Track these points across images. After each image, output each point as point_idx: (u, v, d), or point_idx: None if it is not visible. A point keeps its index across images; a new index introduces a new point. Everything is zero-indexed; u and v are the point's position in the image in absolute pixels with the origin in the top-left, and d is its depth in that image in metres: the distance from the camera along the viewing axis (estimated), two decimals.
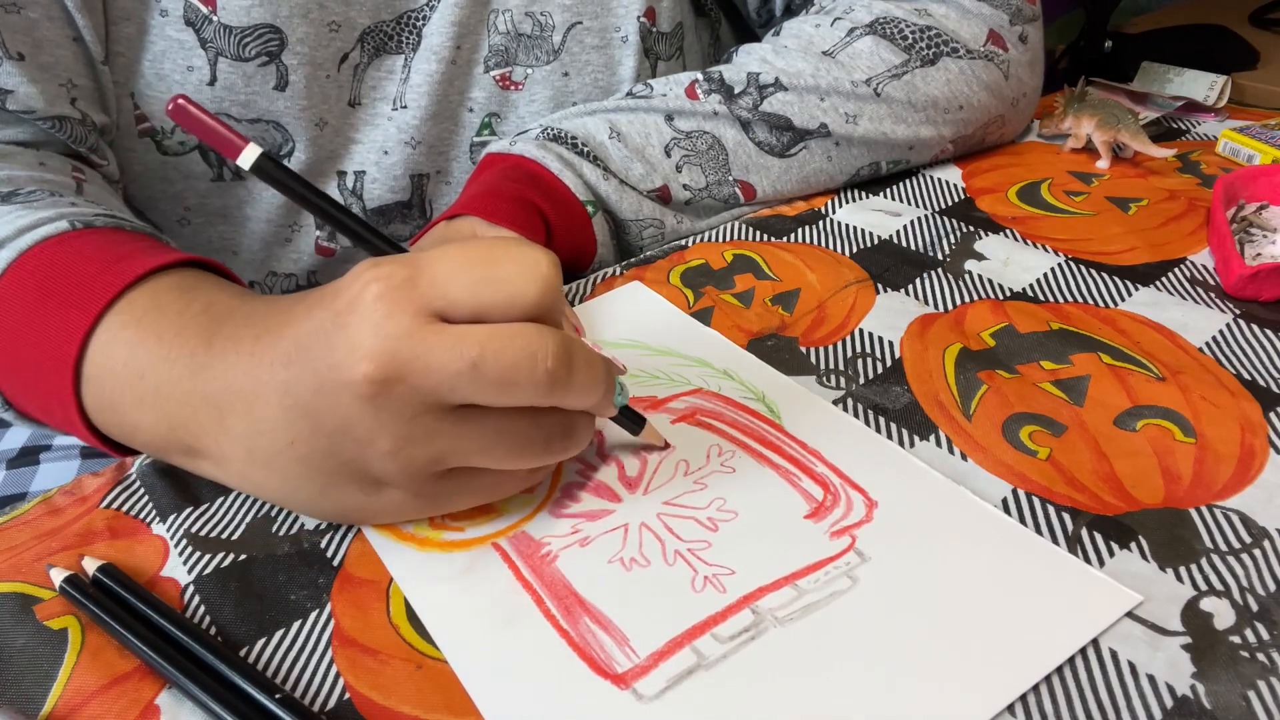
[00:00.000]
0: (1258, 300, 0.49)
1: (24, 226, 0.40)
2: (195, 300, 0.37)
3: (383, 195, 0.60)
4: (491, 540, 0.35)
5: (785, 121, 0.58)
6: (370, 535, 0.36)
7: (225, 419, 0.34)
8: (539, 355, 0.30)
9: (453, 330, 0.30)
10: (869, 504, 0.36)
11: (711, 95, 0.58)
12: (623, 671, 0.30)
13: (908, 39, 0.59)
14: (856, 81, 0.58)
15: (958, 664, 0.30)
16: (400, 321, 0.30)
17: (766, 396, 0.43)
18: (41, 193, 0.44)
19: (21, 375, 0.40)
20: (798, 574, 0.33)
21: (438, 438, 0.31)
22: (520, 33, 0.59)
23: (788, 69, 0.58)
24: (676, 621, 0.32)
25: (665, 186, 0.57)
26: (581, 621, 0.32)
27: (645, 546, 0.35)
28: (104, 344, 0.37)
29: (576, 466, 0.39)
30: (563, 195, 0.53)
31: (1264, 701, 0.29)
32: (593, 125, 0.56)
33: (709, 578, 0.33)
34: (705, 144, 0.57)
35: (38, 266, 0.39)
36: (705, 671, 0.30)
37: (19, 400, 0.42)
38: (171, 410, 0.35)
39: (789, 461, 0.39)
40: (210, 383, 0.34)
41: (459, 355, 0.29)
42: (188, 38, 0.51)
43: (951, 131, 0.62)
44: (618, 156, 0.56)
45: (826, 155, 0.60)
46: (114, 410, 0.37)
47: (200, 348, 0.35)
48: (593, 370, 0.32)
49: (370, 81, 0.57)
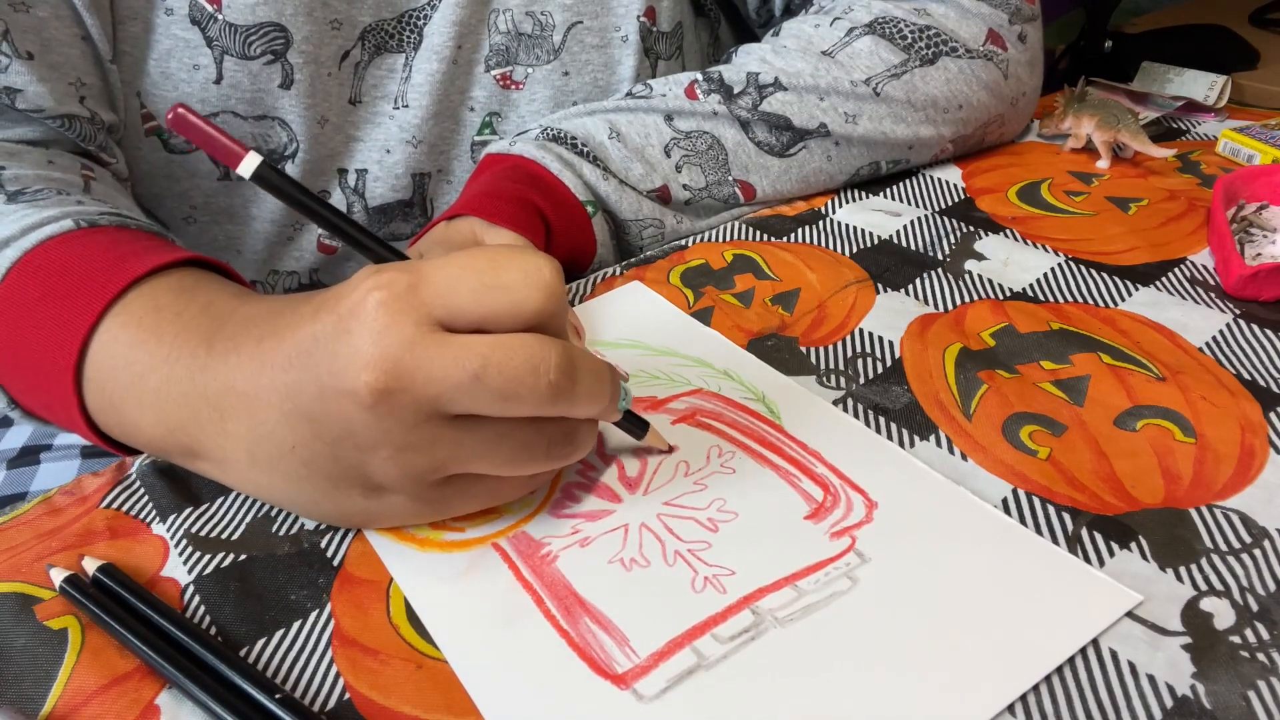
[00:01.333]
0: (1258, 300, 0.49)
1: (29, 225, 0.40)
2: (195, 300, 0.37)
3: (385, 194, 0.60)
4: (492, 540, 0.35)
5: (785, 121, 0.58)
6: (371, 536, 0.36)
7: (226, 422, 0.34)
8: (541, 367, 0.30)
9: (455, 340, 0.30)
10: (869, 505, 0.36)
11: (711, 95, 0.58)
12: (623, 672, 0.30)
13: (907, 39, 0.59)
14: (856, 81, 0.58)
15: (958, 664, 0.30)
16: (402, 330, 0.29)
17: (766, 397, 0.43)
18: (49, 191, 0.44)
19: (25, 375, 0.40)
20: (798, 574, 0.34)
21: (439, 445, 0.31)
22: (521, 32, 0.59)
23: (787, 69, 0.58)
24: (677, 622, 0.32)
25: (665, 186, 0.57)
26: (582, 622, 0.32)
27: (645, 547, 0.35)
28: (105, 344, 0.37)
29: (577, 467, 0.39)
30: (563, 195, 0.53)
31: (1264, 701, 0.29)
32: (592, 125, 0.56)
33: (709, 578, 0.33)
34: (705, 144, 0.57)
35: (41, 265, 0.39)
36: (705, 672, 0.30)
37: (24, 399, 0.42)
38: (171, 411, 0.35)
39: (789, 462, 0.39)
40: (211, 384, 0.34)
41: (461, 366, 0.29)
42: (193, 36, 0.52)
43: (951, 131, 0.62)
44: (617, 157, 0.56)
45: (826, 155, 0.60)
46: (115, 410, 0.37)
47: (201, 349, 0.35)
48: (598, 379, 0.32)
49: (371, 80, 0.57)
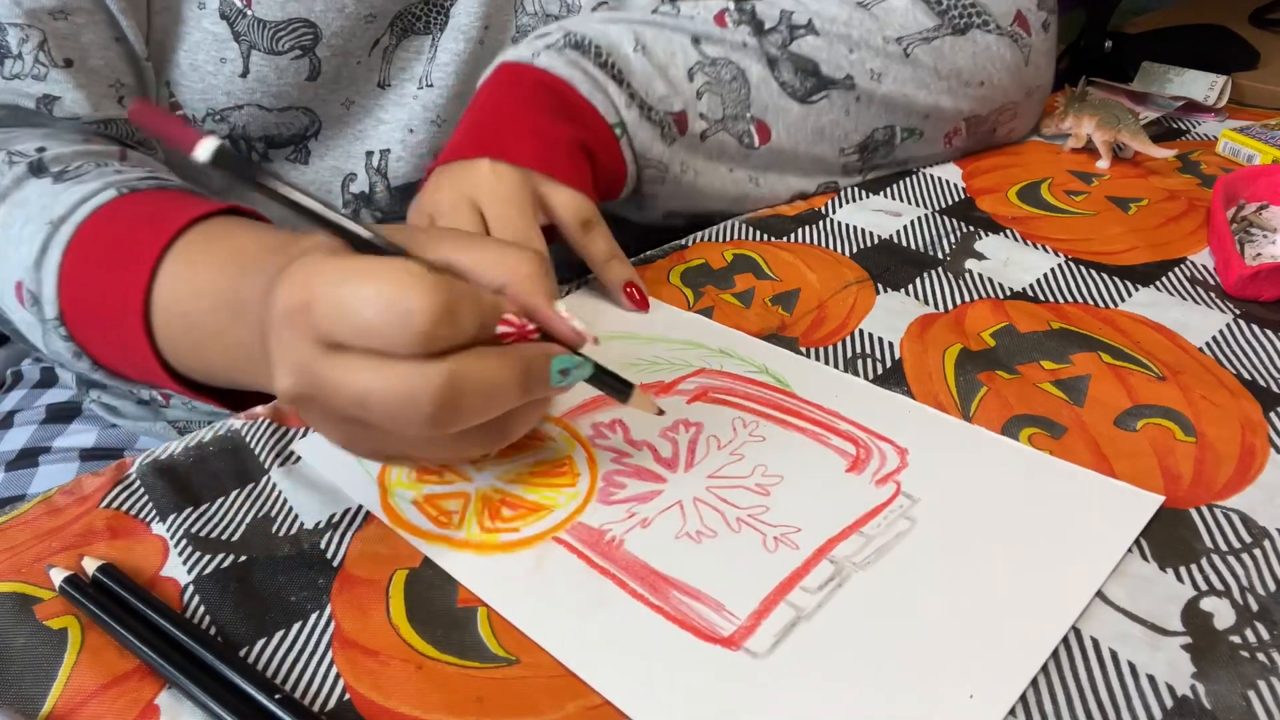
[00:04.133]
0: (1258, 300, 0.49)
1: (76, 201, 0.43)
2: (221, 247, 0.39)
3: (408, 174, 0.59)
4: (551, 535, 0.36)
5: (812, 66, 0.57)
6: (430, 550, 0.35)
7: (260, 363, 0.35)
8: (418, 400, 0.30)
9: (343, 364, 0.30)
10: (900, 451, 0.39)
11: (741, 26, 0.57)
12: (729, 634, 0.31)
13: (942, 4, 0.59)
14: (888, 38, 0.58)
15: (1028, 581, 0.33)
16: (300, 349, 0.31)
17: (769, 368, 0.44)
18: (88, 164, 0.46)
19: (104, 335, 0.43)
20: (859, 522, 0.35)
21: (369, 440, 0.33)
22: (548, 13, 0.58)
23: (822, 12, 0.58)
24: (762, 581, 0.33)
25: (684, 112, 0.56)
26: (671, 596, 0.33)
27: (706, 518, 0.36)
28: (159, 299, 0.39)
29: (611, 456, 0.39)
30: (596, 123, 0.52)
31: (1264, 701, 0.29)
32: (616, 34, 0.54)
33: (778, 537, 0.35)
34: (730, 74, 0.56)
35: (96, 234, 0.42)
36: (806, 622, 0.32)
37: (107, 360, 0.45)
38: (219, 355, 0.38)
39: (812, 424, 0.41)
40: (243, 331, 0.36)
41: (347, 393, 0.30)
42: (222, 30, 0.52)
43: (969, 107, 0.62)
44: (640, 71, 0.54)
45: (845, 109, 0.59)
46: (178, 356, 0.40)
47: (230, 292, 0.37)
48: (489, 389, 0.31)
49: (399, 63, 0.57)
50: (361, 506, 0.37)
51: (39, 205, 0.44)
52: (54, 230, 0.43)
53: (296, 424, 0.42)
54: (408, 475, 0.39)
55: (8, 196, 0.46)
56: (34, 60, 0.47)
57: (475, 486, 0.38)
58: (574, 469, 0.39)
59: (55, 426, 0.63)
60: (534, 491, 0.38)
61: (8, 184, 0.46)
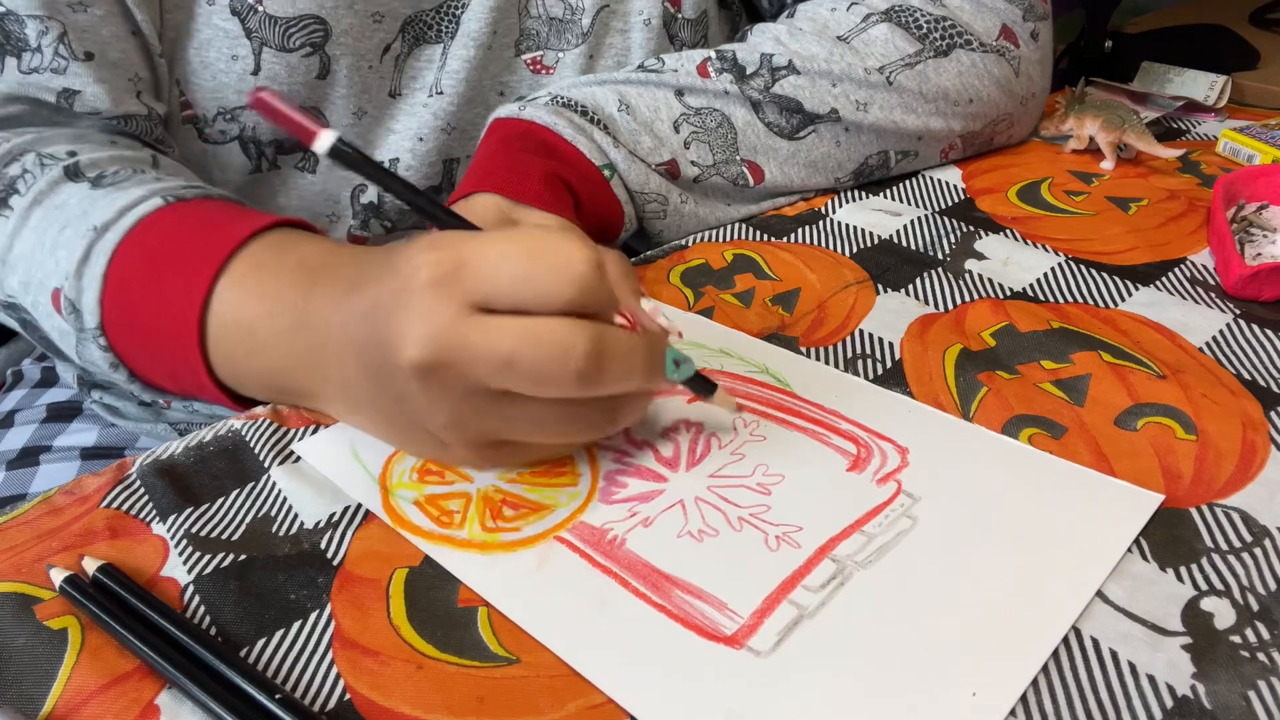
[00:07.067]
0: (1258, 300, 0.49)
1: (123, 208, 0.43)
2: (289, 257, 0.40)
3: (416, 181, 0.60)
4: (553, 535, 0.36)
5: (796, 104, 0.58)
6: (428, 549, 0.36)
7: (323, 368, 0.37)
8: (570, 354, 0.31)
9: (492, 324, 0.31)
10: (900, 450, 0.39)
11: (723, 74, 0.57)
12: (732, 633, 0.31)
13: (922, 28, 0.59)
14: (869, 69, 0.58)
15: (1028, 580, 0.33)
16: (445, 311, 0.31)
17: (769, 368, 0.44)
18: (125, 170, 0.46)
19: (149, 346, 0.43)
20: (861, 521, 0.36)
21: (488, 417, 0.33)
22: (552, 16, 0.59)
23: (801, 52, 0.58)
24: (765, 580, 0.33)
25: (673, 161, 0.56)
26: (674, 595, 0.33)
27: (708, 518, 0.36)
28: (218, 308, 0.40)
29: (612, 455, 0.40)
30: (581, 164, 0.53)
31: (1264, 701, 0.29)
32: (601, 96, 0.56)
33: (780, 536, 0.35)
34: (714, 121, 0.57)
35: (144, 243, 0.42)
36: (809, 620, 0.32)
37: (146, 370, 0.44)
38: (278, 361, 0.39)
39: (813, 423, 0.41)
40: (311, 335, 0.37)
41: (495, 351, 0.31)
42: (233, 27, 0.52)
43: (961, 125, 0.62)
44: (626, 129, 0.55)
45: (835, 140, 0.59)
46: (231, 364, 0.40)
47: (300, 301, 0.38)
48: (629, 361, 0.33)
49: (410, 72, 0.57)
50: (361, 505, 0.37)
51: (79, 210, 0.43)
52: (98, 237, 0.42)
53: (297, 424, 0.42)
54: (409, 476, 0.39)
55: (43, 200, 0.45)
56: (53, 53, 0.47)
57: (476, 486, 0.38)
58: (575, 468, 0.39)
59: (56, 426, 0.63)
60: (535, 491, 0.38)
61: (43, 187, 0.45)
